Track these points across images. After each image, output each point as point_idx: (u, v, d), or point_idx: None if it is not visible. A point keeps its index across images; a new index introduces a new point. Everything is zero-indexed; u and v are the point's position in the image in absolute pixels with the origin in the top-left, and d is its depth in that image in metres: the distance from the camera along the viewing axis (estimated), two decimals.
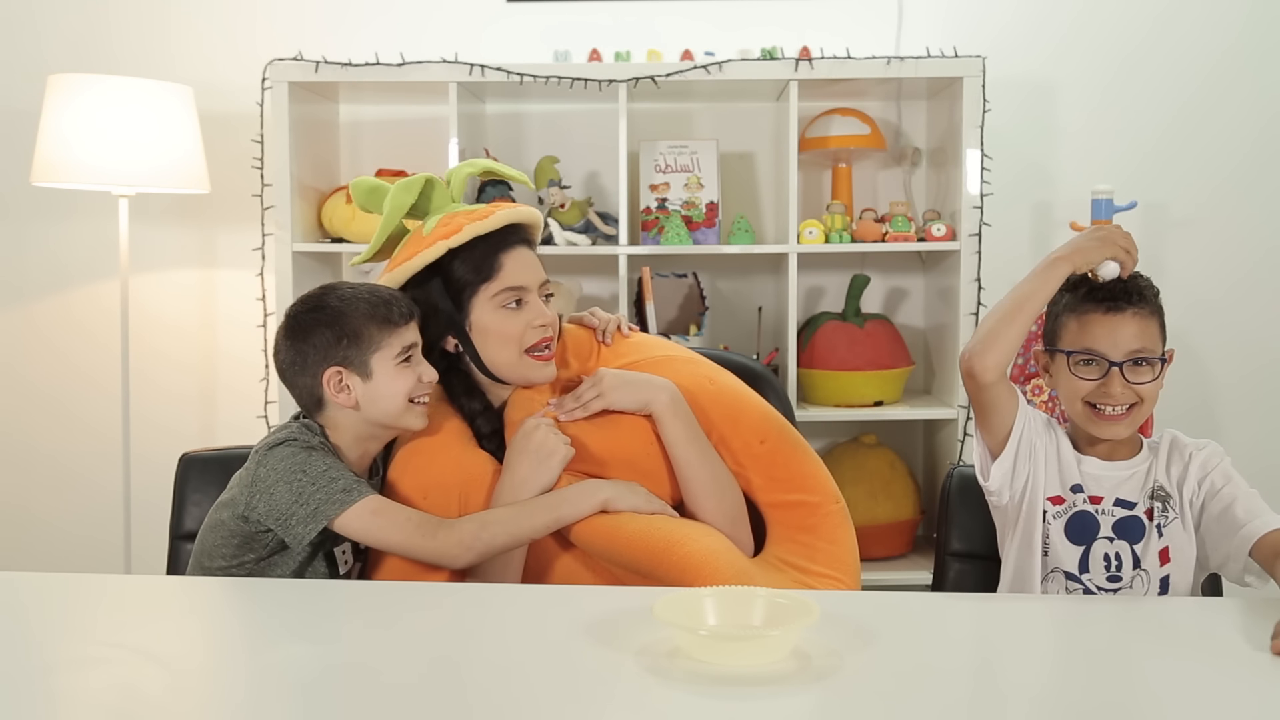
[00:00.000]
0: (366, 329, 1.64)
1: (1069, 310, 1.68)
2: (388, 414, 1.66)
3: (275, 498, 1.58)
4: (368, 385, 1.65)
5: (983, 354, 1.62)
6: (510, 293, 1.72)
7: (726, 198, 3.21)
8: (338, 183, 3.20)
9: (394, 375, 1.65)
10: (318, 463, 1.60)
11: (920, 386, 3.26)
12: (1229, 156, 3.20)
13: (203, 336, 3.30)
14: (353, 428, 1.68)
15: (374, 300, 1.66)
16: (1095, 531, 1.67)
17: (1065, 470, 1.70)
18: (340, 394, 1.65)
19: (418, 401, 1.68)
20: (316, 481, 1.58)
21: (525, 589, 1.59)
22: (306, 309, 1.68)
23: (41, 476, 3.31)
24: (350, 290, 1.68)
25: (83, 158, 2.78)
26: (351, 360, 1.64)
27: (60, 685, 1.20)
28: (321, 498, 1.57)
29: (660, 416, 1.71)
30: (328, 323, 1.65)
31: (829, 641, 1.27)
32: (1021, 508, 1.69)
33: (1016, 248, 3.21)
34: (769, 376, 2.01)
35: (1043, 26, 3.20)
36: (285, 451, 1.60)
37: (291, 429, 1.65)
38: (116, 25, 3.23)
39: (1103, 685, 1.18)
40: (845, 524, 1.76)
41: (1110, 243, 1.63)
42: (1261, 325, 3.21)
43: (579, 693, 1.16)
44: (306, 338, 1.65)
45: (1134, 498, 1.68)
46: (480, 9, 3.23)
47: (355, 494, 1.58)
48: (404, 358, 1.66)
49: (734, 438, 1.76)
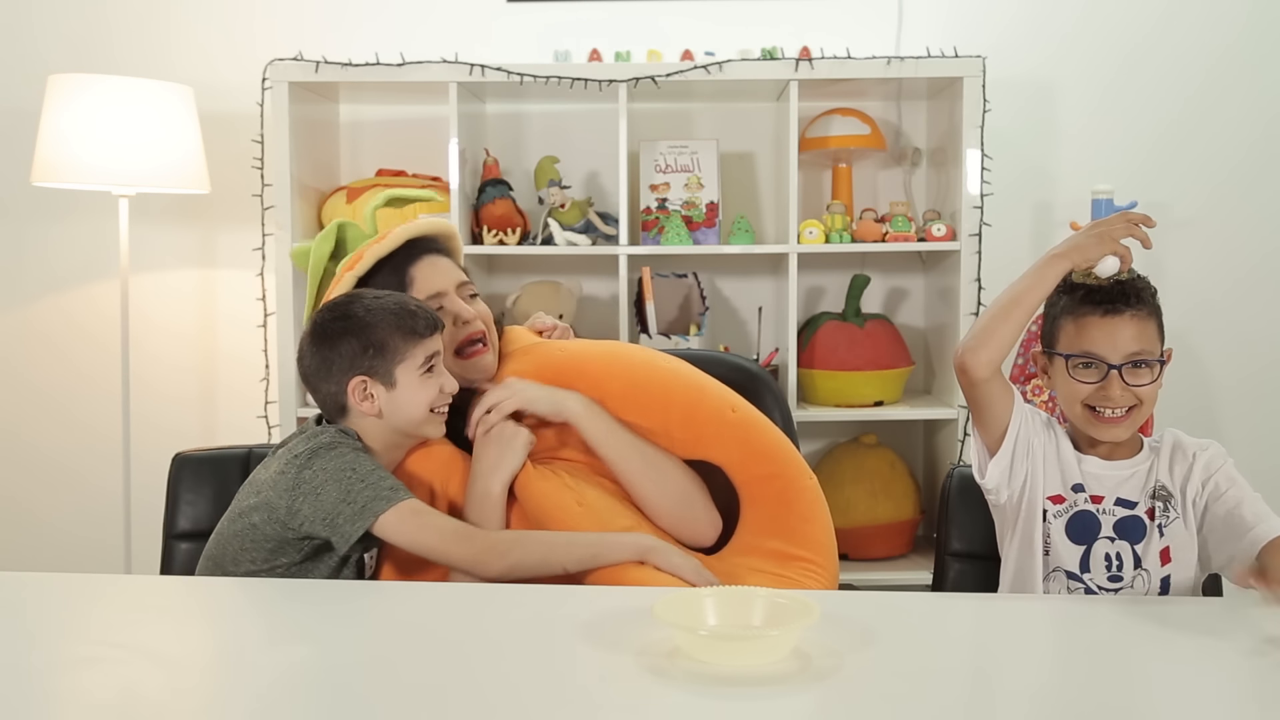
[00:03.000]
0: (392, 339, 1.66)
1: (1066, 313, 1.67)
2: (410, 422, 1.69)
3: (323, 498, 1.59)
4: (392, 395, 1.67)
5: (975, 350, 1.61)
6: (430, 300, 1.76)
7: (727, 198, 3.21)
8: (338, 183, 3.20)
9: (418, 385, 1.67)
10: (366, 463, 1.62)
11: (920, 386, 3.26)
12: (1229, 156, 3.20)
13: (203, 337, 3.30)
14: (379, 436, 1.70)
15: (400, 311, 1.68)
16: (1096, 531, 1.67)
17: (1065, 469, 1.69)
18: (365, 403, 1.67)
19: (438, 411, 1.70)
20: (366, 479, 1.59)
21: (526, 589, 1.59)
22: (333, 317, 1.69)
23: (41, 476, 3.31)
24: (376, 300, 1.69)
25: (83, 158, 2.78)
26: (377, 370, 1.66)
27: (60, 685, 1.20)
28: (370, 495, 1.58)
29: (576, 421, 1.74)
30: (354, 332, 1.66)
31: (829, 641, 1.27)
32: (1021, 507, 1.69)
33: (1016, 248, 3.21)
34: (766, 378, 2.01)
35: (1043, 26, 3.20)
36: (336, 453, 1.62)
37: (331, 434, 1.66)
38: (116, 25, 3.23)
39: (1102, 685, 1.18)
40: (820, 502, 1.78)
41: (1109, 239, 1.61)
42: (1261, 325, 3.21)
43: (579, 693, 1.16)
44: (333, 346, 1.67)
45: (1135, 497, 1.67)
46: (480, 9, 3.23)
47: (401, 493, 1.60)
48: (427, 368, 1.68)
49: (701, 407, 1.77)
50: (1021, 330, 1.63)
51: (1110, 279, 1.64)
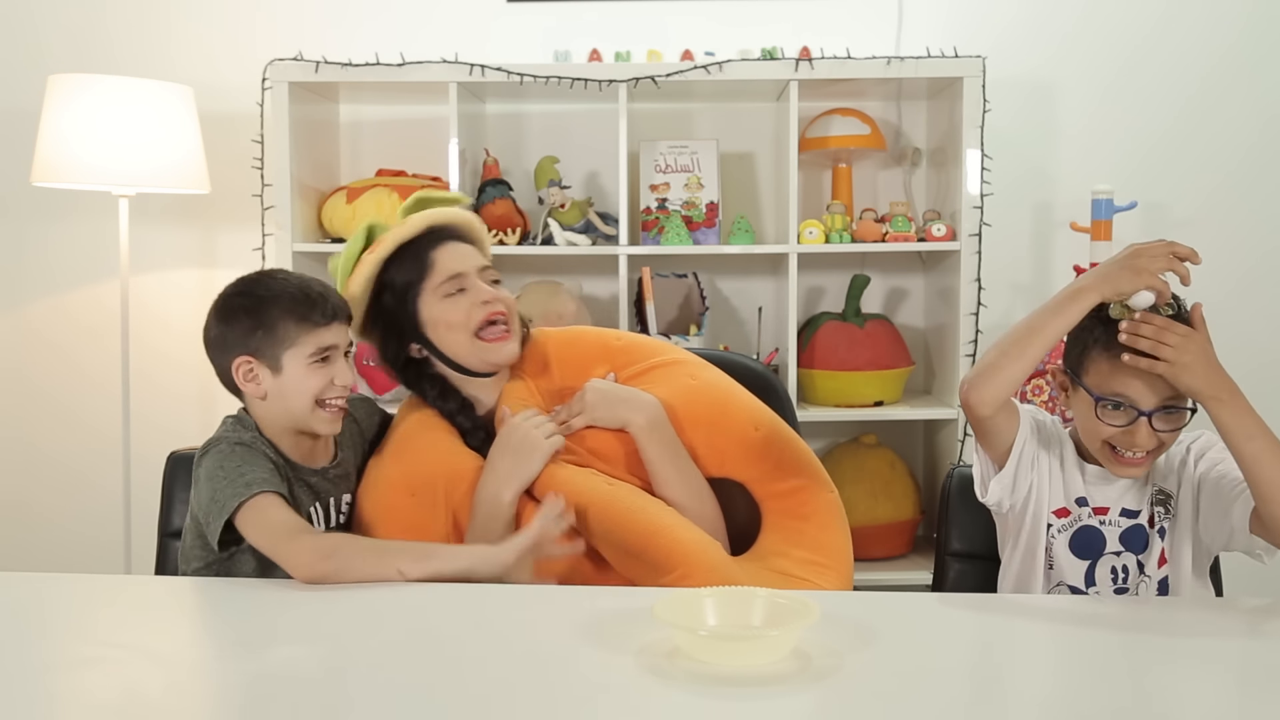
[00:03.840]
0: (283, 323, 1.63)
1: (1101, 347, 1.56)
2: (293, 412, 1.65)
3: (200, 495, 1.59)
4: (277, 380, 1.64)
5: (981, 387, 1.54)
6: (450, 282, 1.76)
7: (726, 198, 3.21)
8: (338, 183, 3.21)
9: (304, 374, 1.63)
10: (236, 459, 1.59)
11: (920, 386, 3.26)
12: (1229, 156, 3.20)
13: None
14: (272, 421, 1.67)
15: (298, 296, 1.64)
16: (1102, 547, 1.63)
17: (1070, 482, 1.66)
18: (249, 383, 1.65)
19: (328, 405, 1.66)
20: (230, 475, 1.57)
21: (525, 589, 1.59)
22: (236, 291, 1.67)
23: (41, 476, 3.31)
24: (281, 282, 1.66)
25: (83, 158, 2.78)
26: (263, 352, 1.64)
27: (60, 685, 1.19)
28: (229, 492, 1.55)
29: (636, 437, 1.73)
30: (249, 310, 1.64)
31: (829, 641, 1.27)
32: (1025, 518, 1.66)
33: (1016, 248, 3.21)
34: (773, 380, 2.01)
35: (1043, 27, 3.20)
36: (216, 450, 1.61)
37: (226, 426, 1.66)
38: (116, 25, 3.23)
39: (1102, 685, 1.18)
40: (840, 516, 1.78)
41: (1145, 272, 1.48)
42: (1261, 325, 3.21)
43: (579, 693, 1.16)
44: (229, 321, 1.65)
45: (1137, 505, 1.64)
46: (480, 9, 3.23)
47: (256, 488, 1.55)
48: (319, 358, 1.64)
49: (726, 427, 1.77)
50: (1034, 367, 1.53)
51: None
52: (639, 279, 3.01)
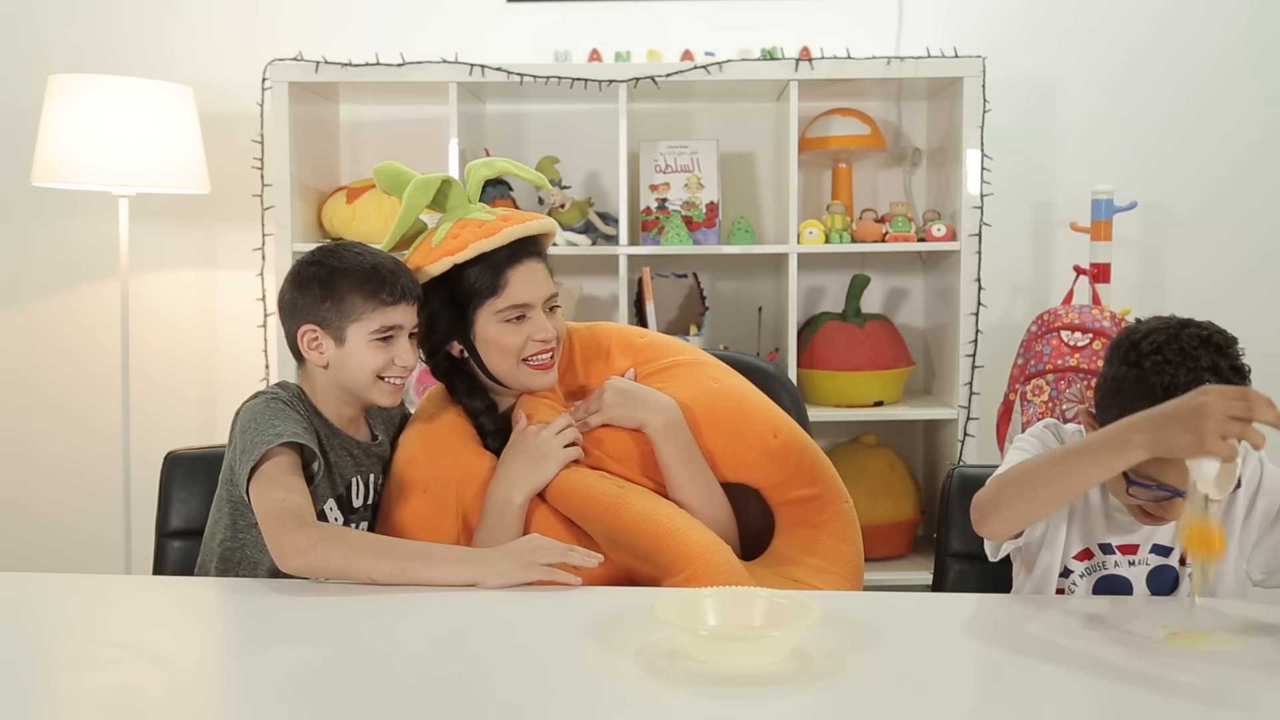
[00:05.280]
0: (351, 297, 1.64)
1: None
2: (355, 383, 1.67)
3: (234, 449, 1.60)
4: (340, 351, 1.66)
5: (995, 524, 1.43)
6: (514, 309, 1.73)
7: (726, 198, 3.21)
8: (338, 183, 3.21)
9: (366, 349, 1.65)
10: (267, 413, 1.60)
11: (920, 387, 3.26)
12: (1229, 156, 3.20)
13: (203, 336, 3.30)
14: (327, 389, 1.69)
15: (369, 272, 1.65)
16: (1127, 593, 1.55)
17: (1093, 524, 1.56)
18: (312, 351, 1.67)
19: (388, 380, 1.68)
20: (261, 428, 1.58)
21: (526, 589, 1.59)
22: (311, 260, 1.69)
23: (41, 476, 3.31)
24: (356, 256, 1.67)
25: (83, 158, 2.78)
26: (329, 323, 1.65)
27: (60, 685, 1.20)
28: (257, 441, 1.56)
29: (653, 439, 1.73)
30: (321, 280, 1.66)
31: (829, 641, 1.27)
32: (1038, 556, 1.59)
33: (1017, 248, 3.21)
34: (782, 378, 2.00)
35: (1043, 27, 3.20)
36: (250, 405, 1.63)
37: (269, 387, 1.68)
38: (116, 25, 3.23)
39: (1102, 685, 1.18)
40: (853, 526, 1.77)
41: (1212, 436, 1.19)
42: (1262, 325, 3.21)
43: (579, 693, 1.16)
44: (302, 288, 1.67)
45: (1170, 541, 1.54)
46: (480, 9, 3.23)
47: (284, 439, 1.56)
48: (383, 335, 1.65)
49: (745, 433, 1.76)
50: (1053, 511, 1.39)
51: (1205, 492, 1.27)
52: (639, 279, 3.01)
